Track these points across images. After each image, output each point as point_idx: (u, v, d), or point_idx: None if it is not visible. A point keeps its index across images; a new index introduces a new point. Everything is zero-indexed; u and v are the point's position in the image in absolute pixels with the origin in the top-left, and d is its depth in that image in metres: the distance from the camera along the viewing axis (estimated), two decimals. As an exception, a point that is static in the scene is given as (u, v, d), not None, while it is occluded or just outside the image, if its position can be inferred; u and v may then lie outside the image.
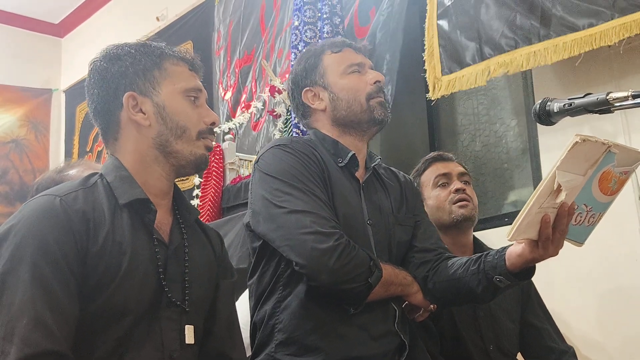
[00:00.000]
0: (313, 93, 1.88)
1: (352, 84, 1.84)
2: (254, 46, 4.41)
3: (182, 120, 1.44)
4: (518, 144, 3.34)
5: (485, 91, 3.54)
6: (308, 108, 1.90)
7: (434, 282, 1.79)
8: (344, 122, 1.85)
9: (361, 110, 1.83)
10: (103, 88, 1.45)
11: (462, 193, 2.29)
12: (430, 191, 2.33)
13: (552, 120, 1.49)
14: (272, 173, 1.73)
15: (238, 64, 4.50)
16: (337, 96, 1.85)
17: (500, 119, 3.45)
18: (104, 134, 1.48)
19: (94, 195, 1.37)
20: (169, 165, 1.45)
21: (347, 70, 1.86)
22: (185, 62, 1.50)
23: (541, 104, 1.49)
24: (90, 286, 1.29)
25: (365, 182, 1.86)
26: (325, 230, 1.62)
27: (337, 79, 1.86)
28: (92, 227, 1.32)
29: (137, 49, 1.47)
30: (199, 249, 1.51)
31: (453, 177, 2.33)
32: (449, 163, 2.38)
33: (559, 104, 1.47)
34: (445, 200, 2.29)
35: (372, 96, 1.83)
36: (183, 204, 1.52)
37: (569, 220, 1.51)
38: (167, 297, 1.38)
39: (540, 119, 1.50)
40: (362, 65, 1.88)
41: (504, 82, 3.45)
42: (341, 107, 1.84)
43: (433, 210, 2.29)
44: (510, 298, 2.28)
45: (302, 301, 1.69)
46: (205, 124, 1.48)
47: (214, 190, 3.95)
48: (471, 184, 2.39)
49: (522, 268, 1.63)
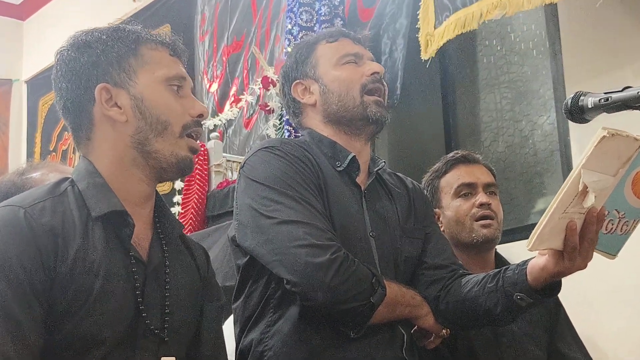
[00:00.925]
0: (303, 86, 1.90)
1: (346, 75, 1.86)
2: (244, 31, 4.41)
3: (163, 114, 1.44)
4: (547, 145, 3.35)
5: (509, 84, 3.55)
6: (298, 104, 1.92)
7: (446, 303, 1.79)
8: (336, 119, 1.86)
9: (354, 106, 1.84)
10: (72, 81, 1.45)
11: (486, 209, 2.28)
12: (450, 200, 2.31)
13: (586, 117, 1.48)
14: (259, 179, 1.73)
15: (226, 51, 4.51)
16: (327, 88, 1.86)
17: (527, 115, 3.46)
18: (76, 134, 1.48)
19: (64, 205, 1.37)
20: (148, 168, 1.44)
21: (342, 60, 1.88)
22: (165, 47, 1.50)
23: (573, 99, 1.48)
24: (57, 312, 1.29)
25: (368, 188, 1.87)
26: (321, 243, 1.62)
27: (329, 69, 1.87)
28: (61, 243, 1.31)
29: (109, 34, 1.47)
30: (182, 269, 1.51)
31: (478, 187, 2.30)
32: (475, 168, 2.36)
33: (593, 98, 1.46)
34: (466, 215, 2.27)
35: (366, 89, 1.84)
36: (165, 216, 1.52)
37: (599, 227, 1.51)
38: (145, 323, 1.37)
39: (572, 115, 1.49)
40: (360, 56, 1.89)
41: (531, 74, 3.46)
42: (332, 101, 1.86)
43: (451, 224, 2.29)
44: (536, 321, 2.26)
45: (295, 325, 1.69)
46: (191, 117, 1.47)
47: (198, 196, 3.95)
48: (498, 195, 2.38)
49: (546, 283, 1.63)
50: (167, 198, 4.11)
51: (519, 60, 3.54)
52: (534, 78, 3.46)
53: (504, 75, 3.60)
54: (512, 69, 3.56)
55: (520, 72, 3.52)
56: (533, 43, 3.46)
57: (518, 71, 3.52)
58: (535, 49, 3.46)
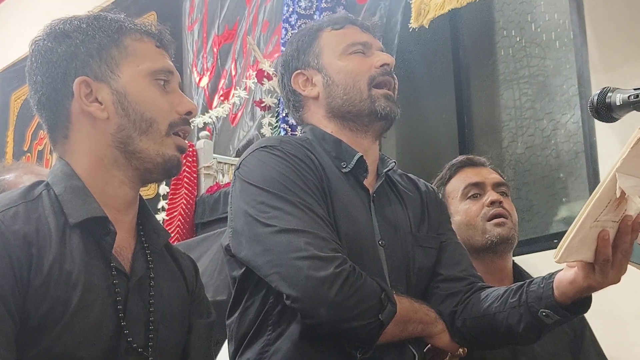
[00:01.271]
0: (305, 77, 1.90)
1: (352, 66, 1.85)
2: (236, 19, 4.43)
3: (148, 111, 1.43)
4: (571, 146, 3.36)
5: (529, 78, 3.55)
6: (299, 97, 1.91)
7: (463, 319, 1.78)
8: (340, 114, 1.86)
9: (360, 99, 1.84)
10: (48, 74, 1.44)
11: (498, 207, 2.28)
12: (458, 204, 2.32)
13: (614, 116, 1.49)
14: (256, 182, 1.72)
15: (217, 41, 4.52)
16: (332, 80, 1.86)
17: (549, 113, 3.47)
18: (51, 132, 1.47)
19: (38, 211, 1.36)
20: (131, 169, 1.44)
21: (348, 50, 1.87)
22: (150, 37, 1.50)
23: (600, 95, 1.49)
24: (31, 327, 1.28)
25: (377, 192, 1.86)
26: (324, 254, 1.61)
27: (334, 59, 1.87)
28: (35, 253, 1.30)
29: (90, 23, 1.46)
30: (169, 281, 1.50)
31: (487, 186, 2.32)
32: (482, 169, 2.38)
33: (622, 95, 1.46)
34: (477, 216, 2.28)
35: (375, 82, 1.84)
36: (150, 224, 1.51)
37: (634, 237, 1.51)
38: (127, 341, 1.36)
39: (598, 113, 1.50)
40: (368, 46, 1.89)
41: (553, 68, 3.45)
42: (336, 94, 1.85)
43: (462, 228, 2.28)
44: (558, 340, 2.26)
45: (295, 344, 1.68)
46: (178, 114, 1.47)
47: (186, 202, 3.97)
48: (510, 196, 2.38)
49: (575, 299, 1.62)
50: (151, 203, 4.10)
51: (540, 52, 3.56)
52: (556, 72, 3.48)
53: (524, 69, 3.62)
54: (533, 62, 3.58)
55: (541, 65, 3.54)
56: (556, 34, 3.48)
57: (539, 65, 3.54)
58: (558, 40, 3.48)
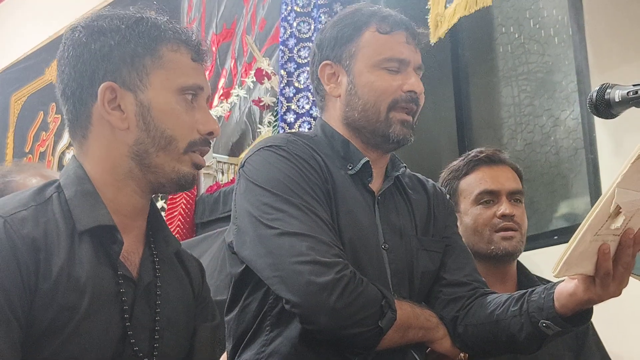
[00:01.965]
0: (332, 71, 1.86)
1: (380, 83, 1.80)
2: (234, 17, 4.40)
3: (169, 129, 1.41)
4: (570, 142, 3.34)
5: (528, 75, 3.54)
6: (322, 87, 1.88)
7: (465, 325, 1.78)
8: (355, 125, 1.83)
9: (377, 120, 1.80)
10: (77, 69, 1.42)
11: (509, 221, 2.26)
12: (469, 206, 2.31)
13: (613, 112, 1.49)
14: (260, 183, 1.71)
15: (215, 40, 4.50)
16: (355, 90, 1.82)
17: (548, 110, 3.45)
18: (72, 126, 1.46)
19: (47, 215, 1.35)
20: (145, 181, 1.43)
21: (383, 64, 1.81)
22: (188, 49, 1.46)
23: (599, 92, 1.49)
24: (37, 332, 1.28)
25: (383, 194, 1.85)
26: (326, 260, 1.60)
27: (365, 69, 1.81)
28: (43, 258, 1.30)
29: (130, 25, 1.43)
30: (175, 288, 1.50)
31: (501, 195, 2.29)
32: (500, 171, 2.34)
33: (621, 91, 1.46)
34: (486, 225, 2.27)
35: (396, 105, 1.79)
36: (160, 232, 1.51)
37: (636, 251, 1.50)
38: (132, 349, 1.36)
39: (597, 110, 1.50)
40: (406, 63, 1.82)
41: (552, 64, 3.44)
42: (355, 106, 1.82)
43: (468, 232, 2.28)
44: (561, 341, 2.25)
45: (294, 346, 1.68)
46: (199, 134, 1.44)
47: (185, 201, 3.97)
48: (523, 202, 2.35)
49: (576, 311, 1.61)
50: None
51: (539, 49, 3.54)
52: (555, 69, 3.46)
53: (523, 66, 3.60)
54: (532, 59, 3.56)
55: (540, 62, 3.52)
56: (554, 30, 3.47)
57: (538, 61, 3.53)
58: (557, 36, 3.46)
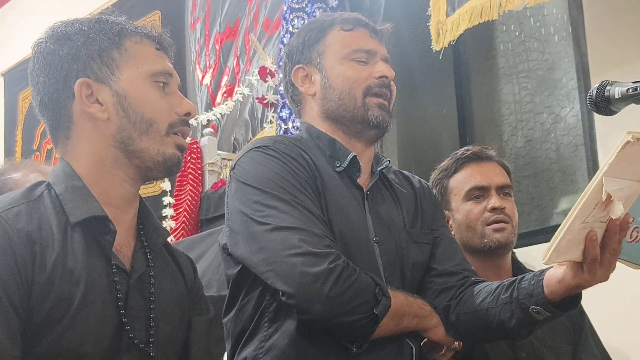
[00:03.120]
0: (305, 73, 1.90)
1: (351, 73, 1.84)
2: (238, 16, 4.41)
3: (147, 112, 1.44)
4: (570, 139, 3.34)
5: (529, 72, 3.54)
6: (297, 91, 1.92)
7: (457, 314, 1.78)
8: (334, 117, 1.86)
9: (354, 107, 1.84)
10: (50, 75, 1.45)
11: (499, 213, 2.27)
12: (460, 203, 2.31)
13: (613, 109, 1.49)
14: (251, 182, 1.73)
15: (219, 38, 4.50)
16: (329, 82, 1.86)
17: (548, 107, 3.45)
18: (53, 132, 1.49)
19: (40, 211, 1.37)
20: (132, 167, 1.45)
21: (351, 56, 1.86)
22: (151, 40, 1.51)
23: (599, 89, 1.49)
24: (36, 324, 1.29)
25: (370, 190, 1.86)
26: (318, 251, 1.61)
27: (335, 62, 1.86)
28: (39, 251, 1.32)
29: (91, 25, 1.47)
30: (168, 279, 1.51)
31: (491, 189, 2.30)
32: (488, 167, 2.35)
33: (621, 88, 1.46)
34: (477, 219, 2.27)
35: (370, 92, 1.84)
36: (150, 223, 1.53)
37: (622, 237, 1.51)
38: (129, 337, 1.38)
39: (597, 107, 1.50)
40: (373, 54, 1.87)
41: (553, 62, 3.44)
42: (332, 97, 1.85)
43: (461, 228, 2.29)
44: (557, 334, 2.26)
45: (292, 340, 1.68)
46: (177, 115, 1.48)
47: (191, 198, 3.97)
48: (512, 196, 2.37)
49: (565, 296, 1.62)
50: (156, 199, 4.11)
51: (539, 46, 3.54)
52: (556, 66, 3.46)
53: (523, 64, 3.60)
54: (532, 57, 3.56)
55: (540, 59, 3.52)
56: (554, 28, 3.46)
57: (538, 59, 3.52)
58: (557, 34, 3.46)
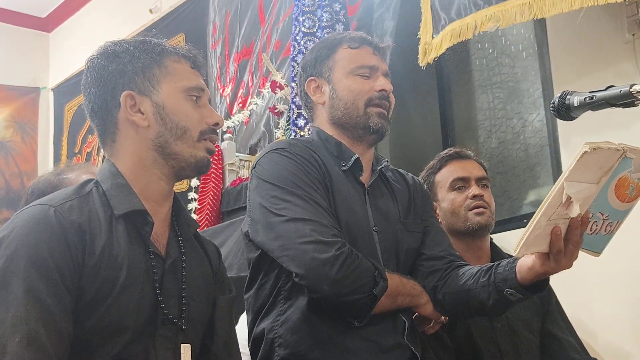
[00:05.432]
0: (316, 84, 1.91)
1: (355, 86, 1.85)
2: (253, 38, 4.40)
3: (182, 121, 1.46)
4: (537, 140, 3.33)
5: (501, 84, 3.54)
6: (309, 99, 1.93)
7: (443, 293, 1.81)
8: (340, 123, 1.88)
9: (357, 115, 1.85)
10: (100, 87, 1.47)
11: (479, 200, 2.29)
12: (445, 193, 2.33)
13: (573, 115, 1.49)
14: (269, 179, 1.75)
15: (236, 57, 4.50)
16: (337, 94, 1.87)
17: (518, 113, 3.44)
18: (102, 136, 1.50)
19: (89, 205, 1.39)
20: (168, 167, 1.47)
21: (356, 71, 1.87)
22: (187, 60, 1.52)
23: (560, 98, 1.49)
24: (85, 301, 1.31)
25: (371, 186, 1.88)
26: (326, 239, 1.63)
27: (342, 76, 1.87)
28: (88, 239, 1.34)
29: (136, 45, 1.49)
30: (197, 264, 1.53)
31: (471, 180, 2.33)
32: (468, 163, 2.38)
33: (579, 97, 1.46)
34: (460, 206, 2.29)
35: (371, 103, 1.85)
36: (182, 216, 1.54)
37: (583, 230, 1.52)
38: (163, 313, 1.39)
39: (559, 113, 1.49)
40: (375, 70, 1.88)
41: (521, 74, 3.44)
42: (338, 107, 1.87)
43: (447, 215, 2.31)
44: (528, 308, 2.28)
45: (303, 314, 1.71)
46: (207, 125, 1.49)
47: (213, 193, 3.97)
48: (489, 187, 2.39)
49: (534, 281, 1.64)
50: (183, 195, 4.12)
51: (509, 61, 3.52)
52: (524, 78, 3.44)
53: (496, 76, 3.58)
54: (504, 70, 3.54)
55: (511, 73, 3.50)
56: (522, 45, 3.45)
57: (509, 72, 3.51)
58: (524, 51, 3.44)
